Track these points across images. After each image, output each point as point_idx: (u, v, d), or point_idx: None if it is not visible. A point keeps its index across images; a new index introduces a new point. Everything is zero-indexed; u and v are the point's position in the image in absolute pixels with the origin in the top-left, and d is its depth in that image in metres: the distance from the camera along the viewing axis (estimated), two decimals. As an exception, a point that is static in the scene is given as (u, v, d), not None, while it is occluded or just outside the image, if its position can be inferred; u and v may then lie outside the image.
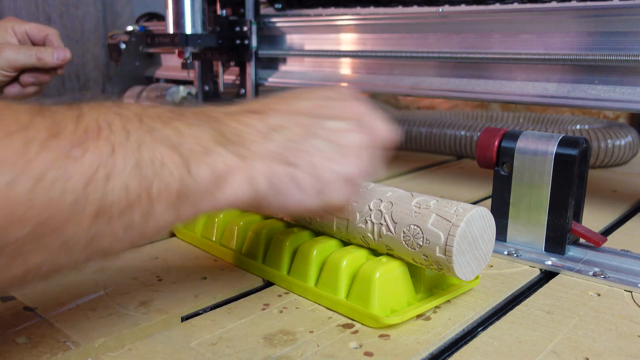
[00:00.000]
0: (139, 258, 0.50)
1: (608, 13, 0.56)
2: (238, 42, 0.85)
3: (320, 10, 0.83)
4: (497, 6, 0.65)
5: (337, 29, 0.80)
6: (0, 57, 0.58)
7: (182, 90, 0.88)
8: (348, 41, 0.79)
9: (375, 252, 0.42)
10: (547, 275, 0.47)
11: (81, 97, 1.35)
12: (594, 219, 0.61)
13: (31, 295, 0.41)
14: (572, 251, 0.50)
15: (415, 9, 0.72)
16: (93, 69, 1.42)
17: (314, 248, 0.43)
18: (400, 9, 0.73)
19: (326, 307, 0.40)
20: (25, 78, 0.61)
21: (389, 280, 0.39)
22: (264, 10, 0.88)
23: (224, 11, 0.87)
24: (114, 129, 0.24)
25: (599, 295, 0.43)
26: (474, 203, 0.52)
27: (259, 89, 0.88)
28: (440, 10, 0.68)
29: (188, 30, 0.81)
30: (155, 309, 0.40)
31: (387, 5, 0.76)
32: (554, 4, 0.60)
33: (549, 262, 0.48)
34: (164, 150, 0.26)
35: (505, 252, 0.50)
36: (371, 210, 0.41)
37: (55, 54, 0.59)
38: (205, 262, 0.49)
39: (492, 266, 0.48)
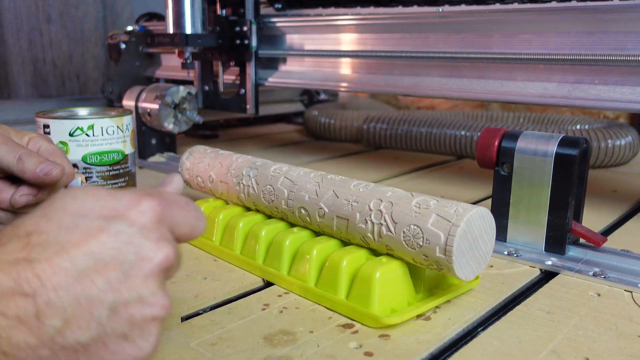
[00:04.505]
0: (139, 258, 0.50)
1: (608, 13, 0.56)
2: (238, 42, 0.85)
3: (320, 10, 0.83)
4: (497, 6, 0.65)
5: (337, 29, 0.80)
6: None
7: (182, 90, 0.88)
8: (348, 41, 0.79)
9: (375, 252, 0.42)
10: (547, 275, 0.47)
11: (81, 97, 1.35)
12: (594, 219, 0.61)
13: (31, 295, 0.41)
14: (572, 251, 0.50)
15: (415, 9, 0.72)
16: (93, 69, 1.42)
17: (314, 248, 0.43)
18: (400, 9, 0.73)
19: (326, 307, 0.40)
20: (18, 198, 0.44)
21: (389, 280, 0.39)
22: (264, 10, 0.88)
23: (224, 11, 0.87)
24: None
25: (599, 295, 0.43)
26: (474, 203, 0.53)
27: (259, 89, 0.88)
28: (440, 10, 0.68)
29: (188, 30, 0.81)
30: (155, 309, 0.39)
31: (387, 5, 0.76)
32: (554, 4, 0.60)
33: (549, 262, 0.48)
34: None
35: (505, 252, 0.50)
36: (371, 210, 0.41)
37: (40, 165, 0.43)
38: (205, 262, 0.49)
39: (492, 266, 0.48)
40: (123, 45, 1.07)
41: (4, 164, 0.44)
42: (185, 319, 0.39)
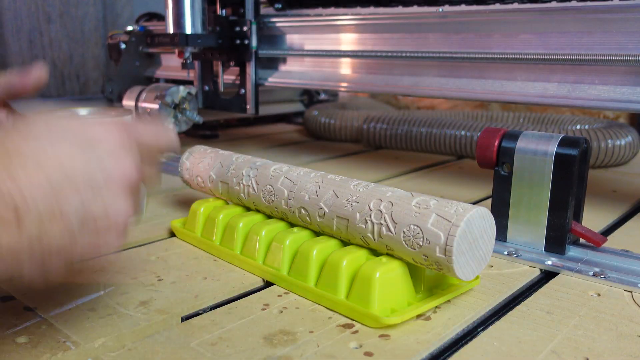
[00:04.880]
0: (139, 258, 0.50)
1: (608, 13, 0.56)
2: (238, 42, 0.85)
3: (320, 10, 0.83)
4: (497, 6, 0.65)
5: (337, 29, 0.80)
6: None
7: (182, 90, 0.88)
8: (348, 41, 0.79)
9: (375, 252, 0.42)
10: (547, 275, 0.47)
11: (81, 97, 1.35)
12: (594, 219, 0.61)
13: (31, 295, 0.41)
14: (572, 251, 0.50)
15: (415, 9, 0.72)
16: (93, 69, 1.42)
17: (314, 248, 0.43)
18: (400, 9, 0.73)
19: (326, 307, 0.40)
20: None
21: (389, 280, 0.39)
22: (264, 10, 0.88)
23: (224, 11, 0.87)
24: None
25: (599, 295, 0.43)
26: (474, 203, 0.53)
27: (259, 89, 0.88)
28: (440, 10, 0.68)
29: (188, 30, 0.81)
30: (155, 309, 0.40)
31: (387, 5, 0.76)
32: (554, 4, 0.60)
33: (549, 262, 0.48)
34: None
35: (505, 252, 0.50)
36: (371, 210, 0.41)
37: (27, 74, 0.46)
38: (205, 262, 0.49)
39: (492, 266, 0.48)
40: (123, 45, 1.07)
41: None
42: (185, 319, 0.39)
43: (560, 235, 0.49)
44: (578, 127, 0.97)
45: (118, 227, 0.31)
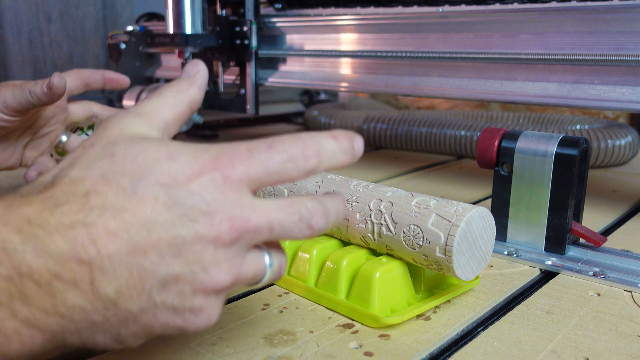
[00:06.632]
0: (139, 258, 0.50)
1: (608, 13, 0.56)
2: (238, 42, 0.85)
3: (320, 10, 0.83)
4: (497, 6, 0.65)
5: (337, 29, 0.80)
6: None
7: (182, 90, 0.88)
8: (348, 41, 0.79)
9: (375, 252, 0.42)
10: (547, 275, 0.47)
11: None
12: (594, 219, 0.61)
13: (31, 295, 0.41)
14: (572, 251, 0.50)
15: (415, 9, 0.72)
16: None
17: (315, 248, 0.43)
18: (400, 9, 0.73)
19: (326, 307, 0.40)
20: (30, 173, 0.56)
21: (389, 280, 0.39)
22: (264, 10, 0.88)
23: (224, 11, 0.87)
24: None
25: (599, 295, 0.43)
26: (474, 203, 0.53)
27: (259, 89, 0.88)
28: (440, 10, 0.68)
29: (188, 30, 0.81)
30: (155, 309, 0.39)
31: (387, 5, 0.76)
32: (554, 4, 0.60)
33: (549, 262, 0.48)
34: None
35: (505, 252, 0.50)
36: (371, 210, 0.41)
37: (46, 82, 0.50)
38: (205, 262, 0.49)
39: (492, 266, 0.48)
40: (123, 45, 1.07)
41: (17, 99, 0.51)
42: (185, 319, 0.39)
43: (560, 235, 0.49)
44: (578, 127, 0.97)
45: (205, 293, 0.25)
